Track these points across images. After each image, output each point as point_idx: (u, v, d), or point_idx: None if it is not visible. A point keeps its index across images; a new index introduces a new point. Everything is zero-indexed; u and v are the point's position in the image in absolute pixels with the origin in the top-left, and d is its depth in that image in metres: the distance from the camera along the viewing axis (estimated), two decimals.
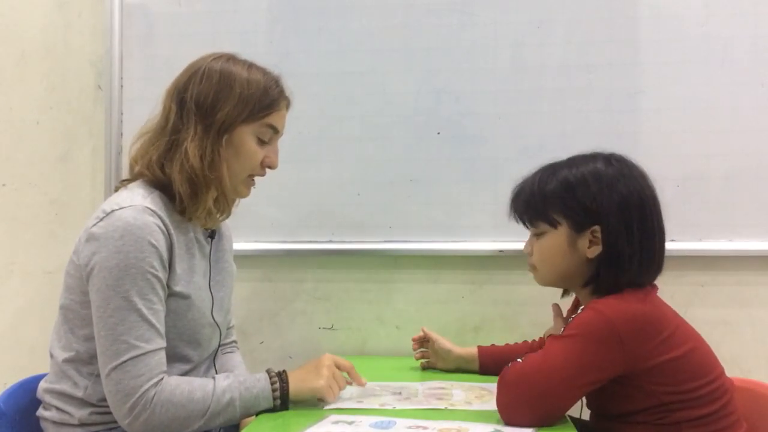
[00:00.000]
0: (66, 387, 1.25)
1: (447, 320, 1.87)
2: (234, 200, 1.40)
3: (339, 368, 1.30)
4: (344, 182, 1.90)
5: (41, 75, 2.06)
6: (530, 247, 1.30)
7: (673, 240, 1.74)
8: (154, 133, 1.31)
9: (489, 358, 1.55)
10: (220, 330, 1.40)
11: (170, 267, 1.24)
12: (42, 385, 1.30)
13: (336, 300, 1.93)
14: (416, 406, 1.24)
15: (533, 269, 1.31)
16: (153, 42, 1.97)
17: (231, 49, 1.38)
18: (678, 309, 1.24)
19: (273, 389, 1.23)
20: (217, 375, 1.29)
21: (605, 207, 1.20)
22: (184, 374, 1.29)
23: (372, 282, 1.92)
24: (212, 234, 1.41)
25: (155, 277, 1.19)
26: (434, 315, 1.87)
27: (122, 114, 1.97)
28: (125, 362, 1.15)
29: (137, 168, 1.31)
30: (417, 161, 1.88)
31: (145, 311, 1.17)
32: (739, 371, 1.71)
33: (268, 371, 1.26)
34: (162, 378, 1.17)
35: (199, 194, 1.28)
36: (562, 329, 1.20)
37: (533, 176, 1.29)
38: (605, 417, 1.23)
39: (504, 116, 1.85)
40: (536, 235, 1.28)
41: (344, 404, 1.25)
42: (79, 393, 1.24)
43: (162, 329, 1.21)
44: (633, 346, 1.11)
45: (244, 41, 1.90)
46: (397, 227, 1.89)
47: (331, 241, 1.91)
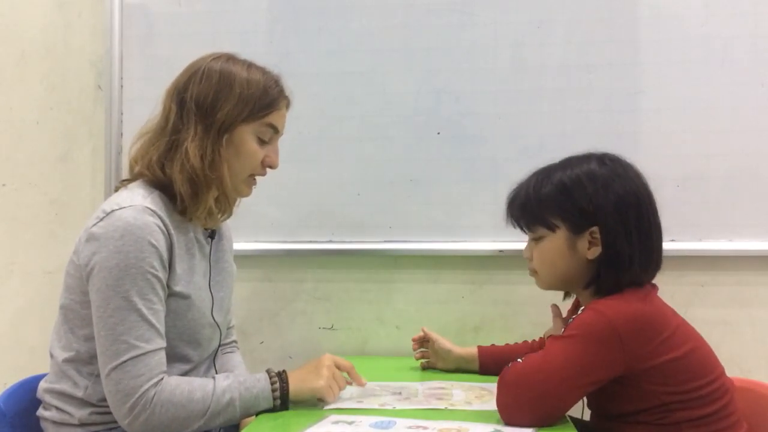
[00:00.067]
0: (66, 387, 1.25)
1: (447, 320, 1.87)
2: (235, 200, 1.40)
3: (339, 368, 1.30)
4: (344, 182, 1.90)
5: (41, 75, 2.06)
6: (530, 252, 1.30)
7: (673, 240, 1.76)
8: (154, 134, 1.31)
9: (489, 358, 1.55)
10: (220, 330, 1.40)
11: (170, 267, 1.24)
12: (42, 385, 1.30)
13: (336, 300, 1.93)
14: (416, 406, 1.24)
15: (534, 274, 1.31)
16: (153, 42, 1.97)
17: (231, 49, 1.38)
18: (678, 309, 1.24)
19: (273, 389, 1.23)
20: (217, 375, 1.29)
21: (602, 207, 1.20)
22: (184, 374, 1.29)
23: (372, 282, 1.92)
24: (212, 234, 1.41)
25: (155, 277, 1.19)
26: (434, 315, 1.87)
27: (122, 114, 1.97)
28: (125, 362, 1.15)
29: (137, 168, 1.32)
30: (417, 161, 1.88)
31: (145, 311, 1.17)
32: (739, 371, 1.71)
33: (268, 371, 1.26)
34: (162, 378, 1.17)
35: (200, 194, 1.28)
36: (562, 330, 1.20)
37: (528, 180, 1.29)
38: (605, 417, 1.23)
39: (504, 116, 1.85)
40: (535, 240, 1.28)
41: (344, 404, 1.25)
42: (79, 393, 1.24)
43: (162, 329, 1.21)
44: (633, 347, 1.11)
45: (244, 41, 1.90)
46: (397, 227, 1.89)
47: (331, 241, 1.91)
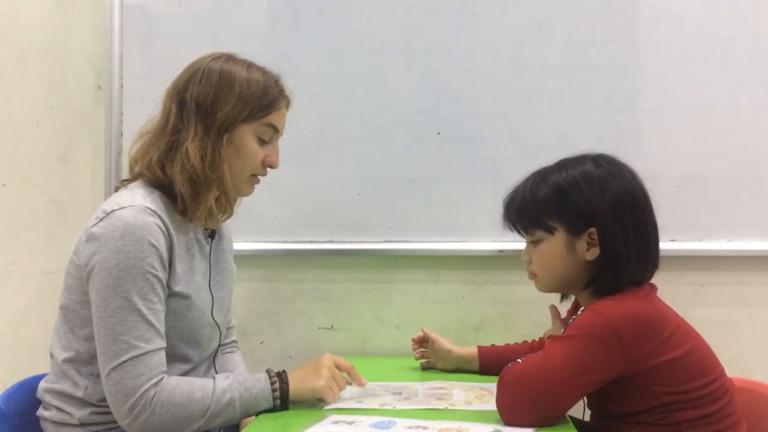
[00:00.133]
0: (66, 387, 1.25)
1: (447, 320, 1.86)
2: (236, 200, 1.40)
3: (339, 368, 1.30)
4: (344, 182, 1.90)
5: (41, 75, 2.06)
6: (528, 255, 1.30)
7: (673, 240, 1.76)
8: (155, 134, 1.31)
9: (489, 358, 1.55)
10: (220, 330, 1.40)
11: (170, 267, 1.24)
12: (42, 385, 1.30)
13: (336, 300, 1.93)
14: (416, 406, 1.24)
15: (533, 277, 1.30)
16: (153, 42, 1.97)
17: (231, 49, 1.38)
18: (678, 309, 1.24)
19: (273, 389, 1.23)
20: (217, 375, 1.29)
21: (599, 208, 1.20)
22: (184, 374, 1.29)
23: (372, 282, 1.92)
24: (212, 234, 1.41)
25: (155, 277, 1.19)
26: (434, 315, 1.87)
27: (122, 114, 1.97)
28: (125, 362, 1.15)
29: (137, 168, 1.32)
30: (417, 161, 1.88)
31: (145, 311, 1.17)
32: (739, 371, 1.71)
33: (268, 371, 1.26)
34: (162, 378, 1.17)
35: (201, 194, 1.28)
36: (562, 330, 1.20)
37: (524, 184, 1.29)
38: (606, 417, 1.23)
39: (504, 116, 1.85)
40: (533, 243, 1.28)
41: (344, 404, 1.25)
42: (79, 393, 1.24)
43: (162, 329, 1.21)
44: (633, 347, 1.11)
45: (244, 41, 1.90)
46: (397, 227, 1.89)
47: (331, 241, 1.91)
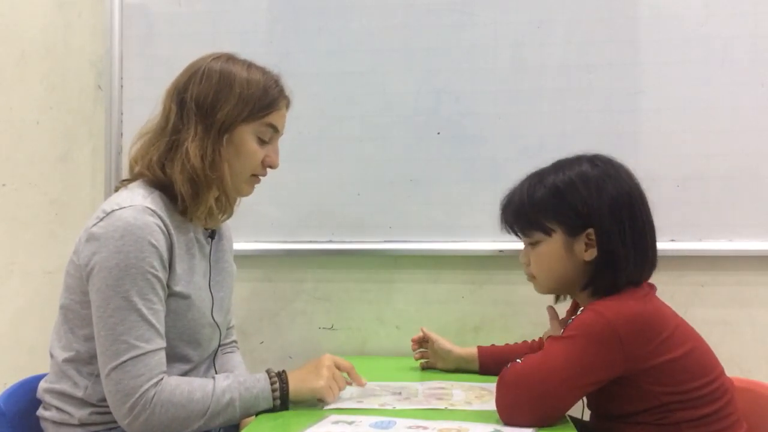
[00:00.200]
0: (66, 387, 1.25)
1: (447, 320, 1.86)
2: (236, 200, 1.40)
3: (339, 368, 1.30)
4: (344, 182, 1.90)
5: (41, 75, 2.06)
6: (526, 257, 1.30)
7: (673, 240, 1.76)
8: (155, 134, 1.31)
9: (489, 358, 1.55)
10: (220, 330, 1.40)
11: (170, 267, 1.24)
12: (42, 385, 1.30)
13: (336, 300, 1.93)
14: (416, 406, 1.24)
15: (532, 279, 1.30)
16: (153, 42, 1.97)
17: (231, 49, 1.38)
18: (678, 309, 1.24)
19: (273, 389, 1.23)
20: (217, 375, 1.29)
21: (596, 209, 1.20)
22: (184, 374, 1.29)
23: (372, 282, 1.92)
24: (212, 234, 1.41)
25: (155, 277, 1.19)
26: (434, 315, 1.87)
27: (122, 114, 1.97)
28: (125, 362, 1.15)
29: (137, 168, 1.32)
30: (417, 161, 1.88)
31: (145, 311, 1.17)
32: (739, 371, 1.71)
33: (268, 371, 1.26)
34: (162, 378, 1.17)
35: (201, 194, 1.28)
36: (561, 330, 1.20)
37: (520, 185, 1.29)
38: (605, 417, 1.23)
39: (504, 116, 1.85)
40: (531, 245, 1.28)
41: (344, 404, 1.25)
42: (79, 393, 1.24)
43: (162, 329, 1.21)
44: (633, 347, 1.11)
45: (244, 41, 1.90)
46: (397, 227, 1.89)
47: (331, 241, 1.91)
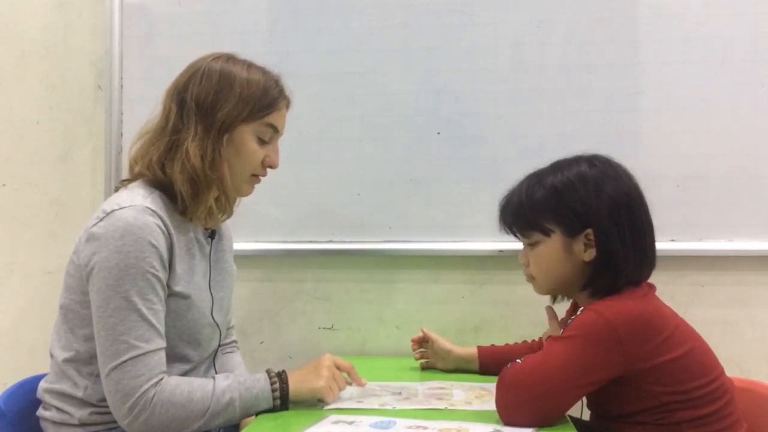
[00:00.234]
0: (66, 387, 1.25)
1: (447, 320, 1.86)
2: (235, 200, 1.40)
3: (339, 369, 1.30)
4: (344, 182, 1.90)
5: (41, 75, 2.06)
6: (525, 258, 1.30)
7: (673, 240, 1.76)
8: (155, 134, 1.31)
9: (489, 358, 1.55)
10: (220, 330, 1.40)
11: (170, 267, 1.24)
12: (42, 385, 1.30)
13: (336, 300, 1.93)
14: (416, 406, 1.24)
15: (531, 279, 1.30)
16: (153, 42, 1.97)
17: (231, 49, 1.38)
18: (678, 309, 1.24)
19: (273, 389, 1.23)
20: (217, 375, 1.29)
21: (595, 209, 1.20)
22: (184, 374, 1.29)
23: (372, 282, 1.92)
24: (212, 234, 1.41)
25: (155, 277, 1.19)
26: (434, 315, 1.87)
27: (122, 114, 1.97)
28: (125, 362, 1.15)
29: (137, 168, 1.32)
30: (417, 161, 1.88)
31: (145, 311, 1.17)
32: (739, 371, 1.71)
33: (268, 371, 1.26)
34: (162, 378, 1.17)
35: (201, 194, 1.28)
36: (561, 331, 1.20)
37: (519, 186, 1.29)
38: (605, 417, 1.23)
39: (504, 116, 1.85)
40: (530, 245, 1.28)
41: (344, 404, 1.25)
42: (79, 393, 1.24)
43: (162, 329, 1.21)
44: (632, 347, 1.11)
45: (244, 41, 1.90)
46: (397, 227, 1.89)
47: (331, 241, 1.91)
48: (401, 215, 1.88)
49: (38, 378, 1.33)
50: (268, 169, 1.38)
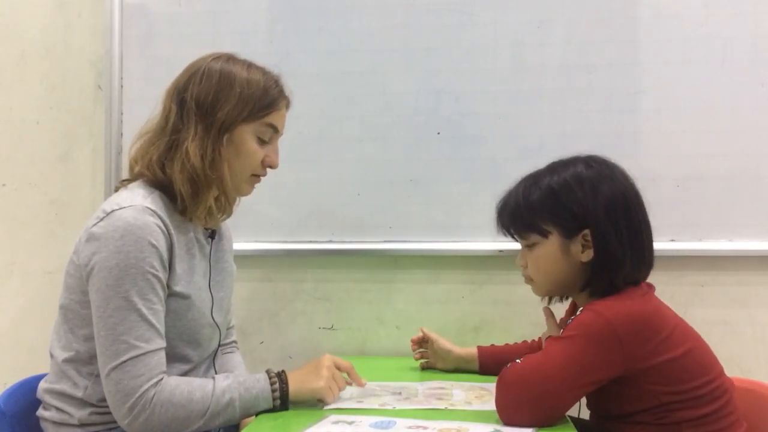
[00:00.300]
0: (66, 387, 1.25)
1: (447, 320, 1.86)
2: (235, 199, 1.40)
3: (339, 369, 1.30)
4: (344, 182, 1.90)
5: (41, 75, 2.06)
6: (524, 260, 1.30)
7: (673, 240, 1.76)
8: (154, 133, 1.31)
9: (489, 358, 1.55)
10: (220, 330, 1.40)
11: (170, 267, 1.24)
12: (42, 385, 1.30)
13: (336, 300, 1.93)
14: (416, 406, 1.24)
15: (529, 281, 1.31)
16: (153, 42, 1.97)
17: (231, 49, 1.38)
18: (678, 309, 1.24)
19: (272, 390, 1.23)
20: (217, 375, 1.29)
21: (592, 210, 1.20)
22: (184, 374, 1.29)
23: (372, 282, 1.92)
24: (212, 234, 1.41)
25: (155, 277, 1.19)
26: (434, 315, 1.87)
27: (122, 114, 1.97)
28: (125, 362, 1.15)
29: (137, 168, 1.32)
30: (417, 161, 1.88)
31: (145, 311, 1.17)
32: (739, 371, 1.71)
33: (268, 372, 1.26)
34: (161, 378, 1.17)
35: (201, 194, 1.28)
36: (560, 331, 1.20)
37: (516, 188, 1.29)
38: (605, 417, 1.23)
39: (504, 116, 1.85)
40: (527, 247, 1.28)
41: (344, 404, 1.25)
42: (79, 393, 1.24)
43: (162, 329, 1.21)
44: (632, 347, 1.11)
45: (244, 41, 1.90)
46: (397, 227, 1.89)
47: (331, 241, 1.91)
48: (401, 215, 1.88)
49: (38, 378, 1.33)
50: (268, 169, 1.38)
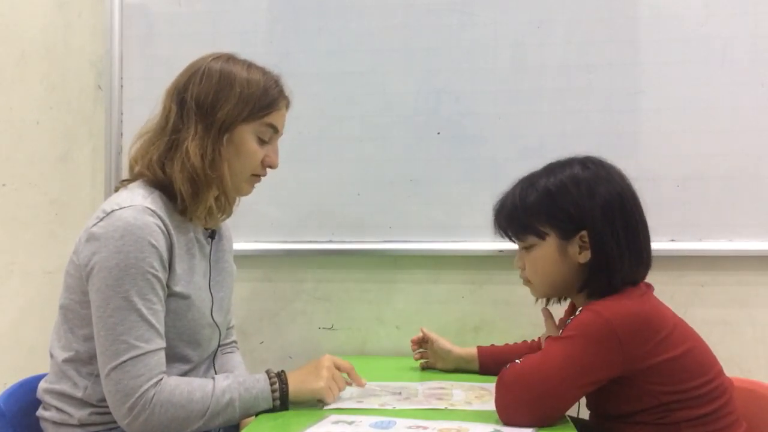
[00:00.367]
0: (66, 387, 1.25)
1: (447, 320, 1.86)
2: (235, 199, 1.40)
3: (339, 369, 1.30)
4: (344, 182, 1.90)
5: (41, 75, 2.06)
6: (521, 262, 1.30)
7: (673, 240, 1.76)
8: (154, 133, 1.31)
9: (489, 358, 1.55)
10: (220, 330, 1.40)
11: (170, 267, 1.24)
12: (42, 385, 1.30)
13: (336, 300, 1.93)
14: (416, 406, 1.24)
15: (528, 283, 1.31)
16: (153, 42, 1.97)
17: (231, 49, 1.38)
18: (678, 309, 1.24)
19: (272, 390, 1.23)
20: (217, 375, 1.29)
21: (589, 211, 1.20)
22: (184, 374, 1.29)
23: (372, 282, 1.92)
24: (212, 234, 1.41)
25: (155, 277, 1.19)
26: (434, 315, 1.87)
27: (122, 114, 1.97)
28: (125, 362, 1.15)
29: (137, 168, 1.32)
30: (417, 161, 1.88)
31: (145, 311, 1.17)
32: (739, 371, 1.71)
33: (268, 372, 1.26)
34: (161, 378, 1.17)
35: (201, 193, 1.28)
36: (560, 331, 1.20)
37: (512, 190, 1.29)
38: (605, 417, 1.23)
39: (504, 116, 1.85)
40: (525, 249, 1.28)
41: (344, 404, 1.25)
42: (79, 393, 1.24)
43: (162, 329, 1.21)
44: (631, 347, 1.11)
45: (244, 41, 1.90)
46: (397, 227, 1.89)
47: (331, 241, 1.91)
48: (401, 215, 1.88)
49: (38, 378, 1.33)
50: (268, 169, 1.38)
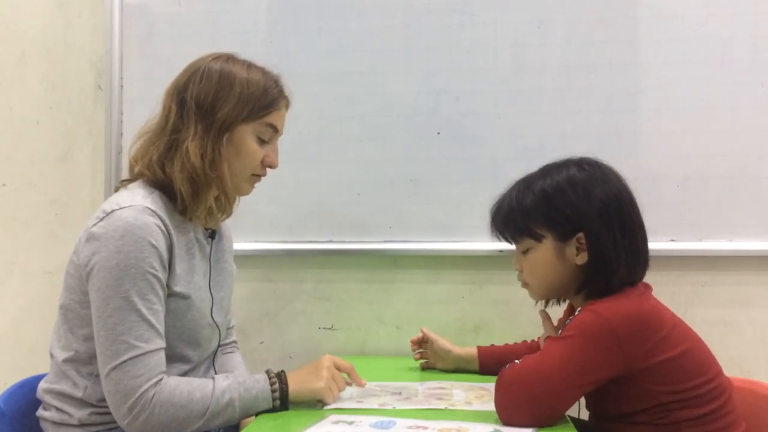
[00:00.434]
0: (66, 387, 1.25)
1: (447, 320, 1.87)
2: (235, 199, 1.40)
3: (339, 369, 1.30)
4: (344, 182, 1.90)
5: (41, 75, 2.07)
6: (519, 264, 1.30)
7: (673, 240, 1.76)
8: (154, 133, 1.31)
9: (489, 358, 1.55)
10: (220, 330, 1.40)
11: (170, 267, 1.24)
12: (42, 386, 1.30)
13: (336, 300, 1.93)
14: (416, 406, 1.24)
15: (526, 285, 1.31)
16: (153, 42, 1.97)
17: (231, 49, 1.38)
18: (678, 309, 1.24)
19: (272, 390, 1.23)
20: (217, 375, 1.29)
21: (585, 212, 1.20)
22: (184, 374, 1.29)
23: (372, 282, 1.92)
24: (213, 234, 1.41)
25: (155, 278, 1.19)
26: (434, 315, 1.87)
27: (122, 114, 1.97)
28: (125, 362, 1.15)
29: (137, 168, 1.32)
30: (417, 161, 1.88)
31: (145, 311, 1.17)
32: (739, 371, 1.71)
33: (268, 372, 1.26)
34: (161, 378, 1.17)
35: (201, 193, 1.28)
36: (559, 332, 1.20)
37: (509, 192, 1.29)
38: (604, 417, 1.23)
39: (504, 116, 1.85)
40: (522, 251, 1.28)
41: (344, 404, 1.25)
42: (79, 393, 1.24)
43: (162, 329, 1.21)
44: (631, 347, 1.11)
45: (244, 41, 1.90)
46: (397, 227, 1.89)
47: (331, 241, 1.91)
48: (401, 215, 1.88)
49: (38, 378, 1.33)
50: (268, 169, 1.38)
